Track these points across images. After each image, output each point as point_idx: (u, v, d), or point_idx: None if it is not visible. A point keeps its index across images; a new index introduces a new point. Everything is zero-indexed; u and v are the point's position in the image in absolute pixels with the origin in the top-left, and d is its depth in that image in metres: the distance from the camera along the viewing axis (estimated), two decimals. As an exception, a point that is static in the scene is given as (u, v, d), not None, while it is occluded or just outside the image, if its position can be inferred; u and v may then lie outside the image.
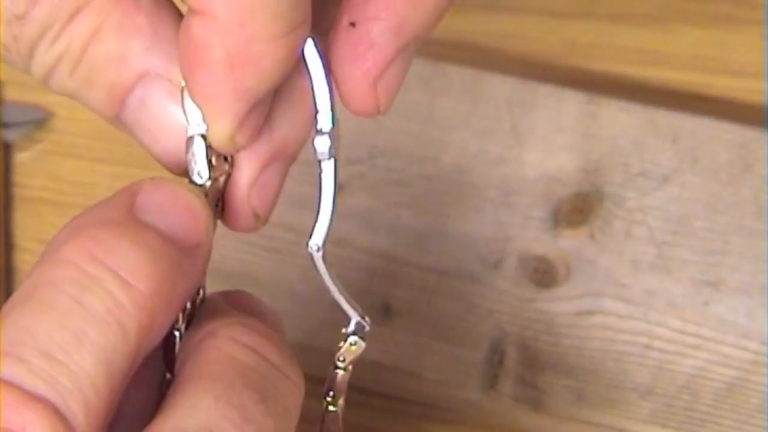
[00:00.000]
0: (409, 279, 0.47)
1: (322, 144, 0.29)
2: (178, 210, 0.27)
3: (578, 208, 0.48)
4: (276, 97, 0.29)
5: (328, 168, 0.30)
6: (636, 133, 0.49)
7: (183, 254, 0.27)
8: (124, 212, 0.27)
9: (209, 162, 0.28)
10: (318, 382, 0.50)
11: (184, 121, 0.28)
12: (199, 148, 0.28)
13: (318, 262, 0.32)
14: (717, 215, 0.47)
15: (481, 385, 0.46)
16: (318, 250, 0.31)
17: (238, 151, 0.29)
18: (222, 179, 0.29)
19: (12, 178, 0.54)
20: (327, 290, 0.33)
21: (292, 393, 0.29)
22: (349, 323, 0.34)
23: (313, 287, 0.48)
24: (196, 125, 0.28)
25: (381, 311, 0.47)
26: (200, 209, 0.28)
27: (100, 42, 0.27)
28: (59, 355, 0.25)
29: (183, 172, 0.29)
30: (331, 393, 0.35)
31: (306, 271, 0.48)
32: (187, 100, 0.28)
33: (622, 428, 0.45)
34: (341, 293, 0.33)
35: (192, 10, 0.26)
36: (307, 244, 0.31)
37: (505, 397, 0.46)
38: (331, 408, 0.35)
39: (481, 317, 0.47)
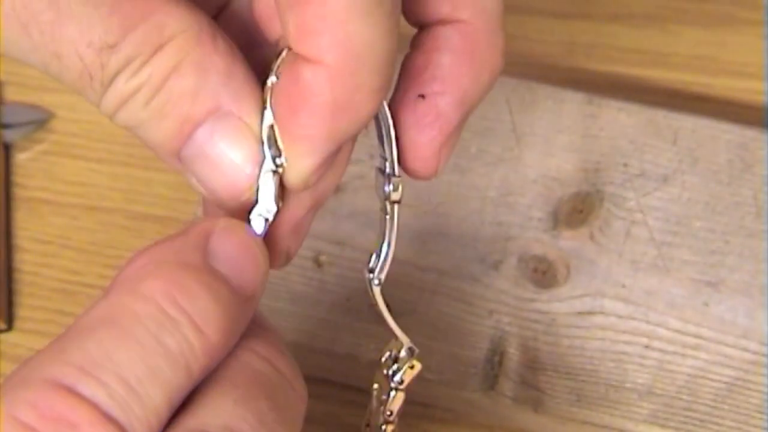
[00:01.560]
0: (409, 279, 0.47)
1: (396, 190, 0.33)
2: (246, 262, 0.30)
3: (578, 209, 0.48)
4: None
5: (396, 211, 0.33)
6: (636, 133, 0.49)
7: (244, 303, 0.29)
8: (201, 257, 0.29)
9: (277, 201, 0.30)
10: (317, 382, 0.50)
11: (254, 157, 0.30)
12: (271, 185, 0.30)
13: (377, 293, 0.35)
14: (717, 215, 0.47)
15: (481, 385, 0.46)
16: (379, 284, 0.35)
17: (305, 189, 0.31)
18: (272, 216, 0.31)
19: (12, 178, 0.55)
20: (382, 318, 0.36)
21: (298, 404, 0.32)
22: (400, 349, 0.37)
23: (314, 287, 0.48)
24: (272, 162, 0.30)
25: (381, 311, 0.47)
26: (263, 262, 0.30)
27: (179, 76, 0.29)
28: (136, 385, 0.27)
29: (236, 207, 0.31)
30: (391, 414, 0.38)
31: (306, 271, 0.48)
32: (269, 138, 0.30)
33: (622, 428, 0.45)
34: (393, 321, 0.36)
35: (303, 59, 0.28)
36: (370, 277, 0.35)
37: (505, 397, 0.46)
38: (395, 421, 0.38)
39: (481, 317, 0.47)
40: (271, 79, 0.30)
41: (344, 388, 0.49)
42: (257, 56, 0.31)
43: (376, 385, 0.38)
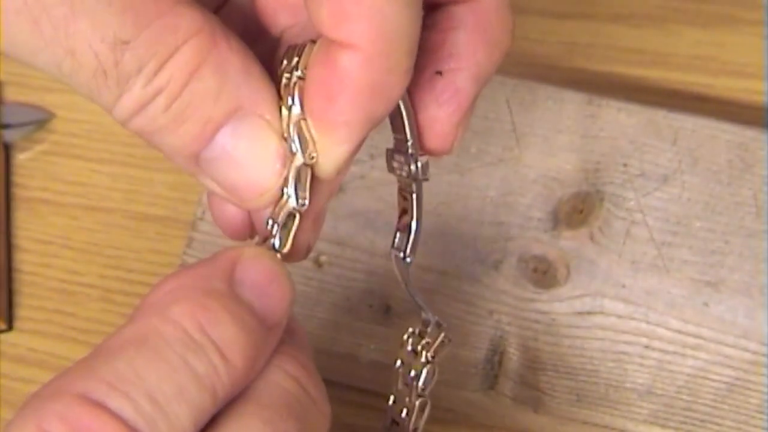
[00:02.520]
0: (408, 298, 0.47)
1: (423, 164, 0.33)
2: (272, 290, 0.30)
3: (578, 209, 0.48)
4: None
5: (420, 188, 0.34)
6: (636, 133, 0.49)
7: (268, 331, 0.30)
8: (227, 284, 0.29)
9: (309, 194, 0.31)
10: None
11: (279, 154, 0.30)
12: (305, 178, 0.30)
13: (404, 271, 0.36)
14: (717, 215, 0.47)
15: (481, 385, 0.46)
16: (410, 262, 0.35)
17: (335, 177, 0.31)
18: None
19: (12, 178, 0.55)
20: (409, 296, 0.37)
21: (323, 425, 0.31)
22: (427, 326, 0.37)
23: (314, 287, 0.48)
24: (303, 156, 0.30)
25: (381, 311, 0.47)
26: (289, 290, 0.30)
27: (200, 79, 0.29)
28: (163, 403, 0.27)
29: (261, 203, 0.31)
30: (424, 389, 0.38)
31: (306, 271, 0.48)
32: (300, 132, 0.30)
33: (622, 428, 0.45)
34: (420, 298, 0.37)
35: (337, 44, 0.28)
36: (396, 254, 0.35)
37: (505, 397, 0.46)
38: (426, 395, 0.38)
39: (481, 317, 0.47)
40: (296, 74, 0.30)
41: (344, 388, 0.49)
42: (257, 51, 0.31)
43: (398, 362, 0.38)
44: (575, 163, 0.49)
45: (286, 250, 0.31)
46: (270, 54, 0.32)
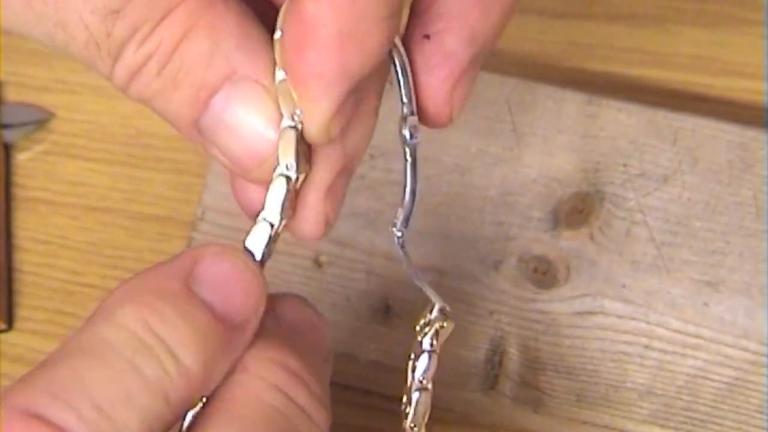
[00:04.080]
0: (409, 279, 0.47)
1: (412, 126, 0.31)
2: (234, 288, 0.29)
3: (578, 209, 0.48)
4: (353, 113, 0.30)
5: (414, 154, 0.32)
6: (636, 133, 0.49)
7: (231, 331, 0.28)
8: (182, 283, 0.28)
9: (297, 157, 0.29)
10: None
11: (276, 121, 0.29)
12: (290, 140, 0.29)
13: (399, 248, 0.33)
14: (717, 215, 0.47)
15: (481, 385, 0.46)
16: (402, 235, 0.33)
17: (328, 141, 0.29)
18: (300, 180, 0.30)
19: (12, 178, 0.54)
20: (409, 276, 0.34)
21: None
22: (431, 309, 0.36)
23: (314, 287, 0.48)
24: (290, 119, 0.29)
25: (381, 311, 0.47)
26: (256, 288, 0.29)
27: (191, 42, 0.28)
28: (109, 410, 0.26)
29: (263, 172, 0.29)
30: (423, 381, 0.36)
31: (306, 271, 0.48)
32: (283, 94, 0.28)
33: (622, 428, 0.45)
34: (423, 281, 0.35)
35: None
36: (393, 231, 0.33)
37: (505, 398, 0.46)
38: (429, 386, 0.36)
39: (481, 317, 0.47)
40: (277, 34, 0.29)
41: (344, 389, 0.49)
42: (272, 19, 0.29)
43: (412, 355, 0.36)
44: (575, 163, 0.49)
45: (277, 222, 0.30)
46: None
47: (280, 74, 0.29)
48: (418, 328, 0.36)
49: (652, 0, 0.56)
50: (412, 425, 0.36)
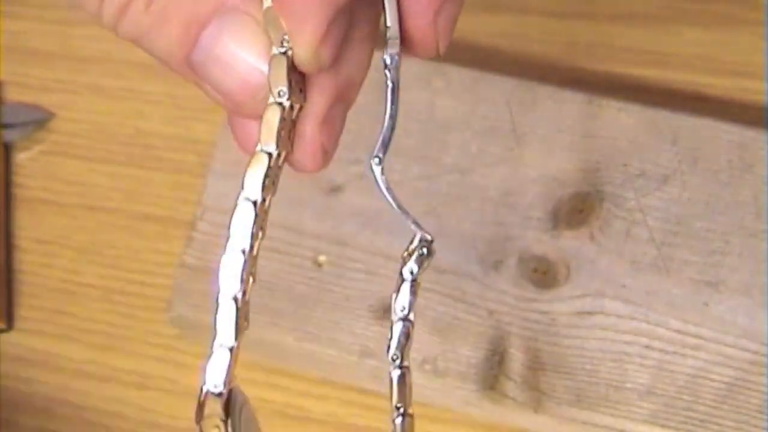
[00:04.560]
0: (390, 208, 0.47)
1: (393, 49, 0.30)
2: None
3: (578, 209, 0.48)
4: (344, 39, 0.29)
5: (395, 79, 0.31)
6: (636, 133, 0.49)
7: None
8: None
9: (289, 84, 0.29)
10: (317, 382, 0.50)
11: (267, 53, 0.28)
12: (281, 67, 0.28)
13: (378, 174, 0.32)
14: (717, 215, 0.47)
15: (481, 385, 0.46)
16: (379, 162, 0.32)
17: (321, 69, 0.29)
18: (295, 111, 0.29)
19: (12, 178, 0.55)
20: (389, 206, 0.33)
21: None
22: (412, 240, 0.34)
23: (314, 287, 0.48)
24: (280, 45, 0.28)
25: (381, 311, 0.47)
26: None
27: None
28: None
29: (257, 104, 0.29)
30: (405, 308, 0.35)
31: (306, 271, 0.48)
32: (270, 21, 0.28)
33: (622, 428, 0.45)
34: (403, 209, 0.33)
35: None
36: (370, 160, 0.32)
37: (505, 397, 0.46)
38: (411, 317, 0.35)
39: (481, 317, 0.47)
40: None
41: (344, 388, 0.49)
42: None
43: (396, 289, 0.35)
44: (575, 163, 0.49)
45: (274, 151, 0.29)
46: None
47: (266, 1, 0.28)
48: (401, 259, 0.35)
49: (652, 0, 0.56)
50: (395, 356, 0.35)
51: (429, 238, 0.34)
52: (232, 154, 0.50)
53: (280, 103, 0.29)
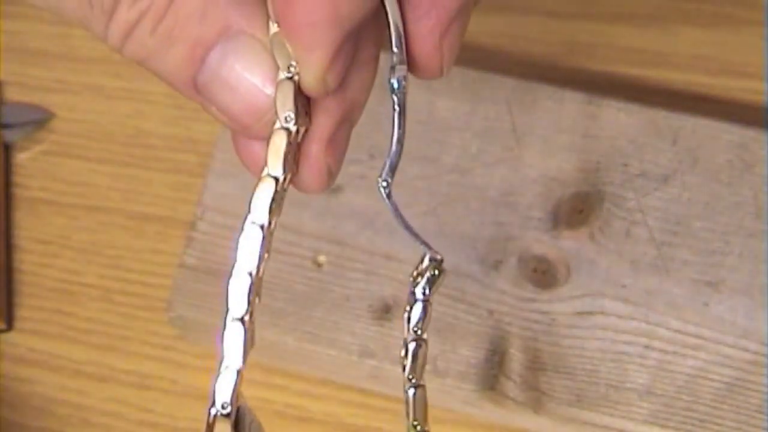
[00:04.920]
0: (409, 279, 0.47)
1: (401, 74, 0.31)
2: None
3: (578, 209, 0.48)
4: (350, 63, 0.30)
5: (402, 103, 0.31)
6: (636, 133, 0.49)
7: None
8: None
9: (296, 108, 0.29)
10: (317, 382, 0.50)
11: (273, 75, 0.29)
12: (288, 92, 0.29)
13: (384, 197, 0.32)
14: (717, 215, 0.47)
15: (481, 385, 0.46)
16: (387, 186, 0.32)
17: (327, 94, 0.29)
18: (301, 133, 0.30)
19: (12, 178, 0.55)
20: (399, 226, 0.33)
21: None
22: (423, 259, 0.35)
23: (314, 287, 0.48)
24: (286, 71, 0.29)
25: (381, 311, 0.47)
26: None
27: None
28: None
29: (262, 127, 0.29)
30: (419, 327, 0.35)
31: (306, 271, 0.48)
32: (277, 46, 0.28)
33: (622, 428, 0.45)
34: (412, 230, 0.34)
35: None
36: (378, 182, 0.32)
37: (505, 397, 0.46)
38: (424, 337, 0.35)
39: (481, 317, 0.47)
40: None
41: (344, 388, 0.49)
42: None
43: (407, 307, 0.35)
44: (575, 163, 0.49)
45: (281, 176, 0.29)
46: None
47: (273, 27, 0.28)
48: (411, 278, 0.35)
49: (652, 0, 0.56)
50: (410, 376, 0.35)
51: (439, 257, 0.35)
52: (232, 154, 0.49)
53: (287, 128, 0.29)
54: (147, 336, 0.51)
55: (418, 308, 0.35)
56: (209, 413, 0.29)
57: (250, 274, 0.29)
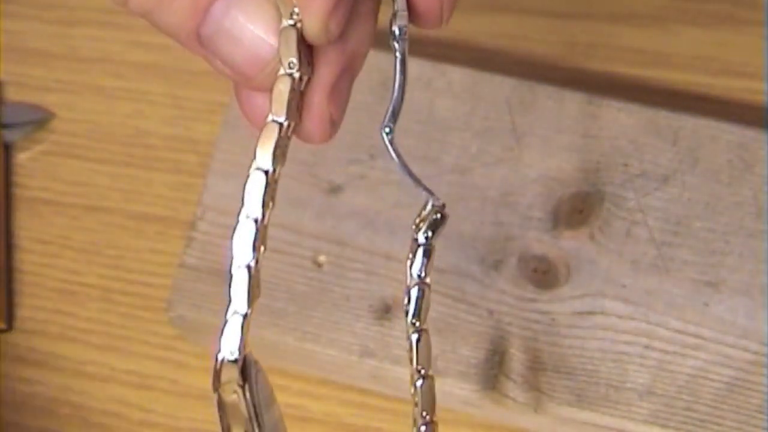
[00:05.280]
0: (400, 176, 0.47)
1: (402, 21, 0.31)
2: None
3: (578, 209, 0.48)
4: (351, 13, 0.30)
5: (403, 51, 0.32)
6: (636, 133, 0.49)
7: None
8: None
9: (299, 55, 0.29)
10: (317, 382, 0.50)
11: (276, 26, 0.29)
12: (291, 39, 0.29)
13: (388, 143, 0.33)
14: (717, 216, 0.47)
15: (481, 385, 0.46)
16: (390, 132, 0.33)
17: (329, 41, 0.30)
18: (303, 82, 0.30)
19: (12, 178, 0.55)
20: (400, 172, 0.34)
21: None
22: (425, 205, 0.35)
23: (314, 287, 0.48)
24: (290, 18, 0.29)
25: (381, 311, 0.47)
26: None
27: None
28: None
29: (265, 77, 0.30)
30: (421, 276, 0.35)
31: (306, 271, 0.48)
32: None
33: (622, 428, 0.45)
34: (414, 176, 0.34)
35: None
36: (381, 128, 0.33)
37: (505, 397, 0.46)
38: (427, 281, 0.36)
39: (481, 317, 0.47)
40: None
41: (344, 388, 0.49)
42: None
43: (410, 254, 0.36)
44: (575, 163, 0.49)
45: (284, 121, 0.30)
46: None
47: None
48: (413, 226, 0.35)
49: (652, 0, 0.56)
50: (414, 321, 0.36)
51: (441, 203, 0.35)
52: (232, 154, 0.50)
53: (290, 74, 0.29)
54: (147, 336, 0.51)
55: (420, 253, 0.35)
56: (216, 359, 0.30)
57: (255, 221, 0.30)
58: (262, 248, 0.30)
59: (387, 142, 0.33)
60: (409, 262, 0.35)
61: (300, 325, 0.47)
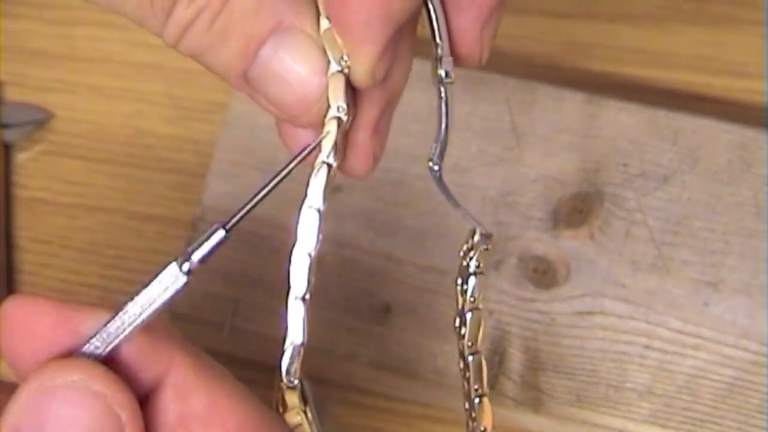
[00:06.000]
0: (409, 279, 0.47)
1: (448, 66, 0.33)
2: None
3: (578, 209, 0.48)
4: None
5: (449, 91, 0.34)
6: (636, 133, 0.49)
7: None
8: None
9: (347, 100, 0.31)
10: (318, 383, 0.50)
11: (321, 68, 0.31)
12: (340, 84, 0.31)
13: (440, 182, 0.36)
14: (717, 215, 0.47)
15: (481, 385, 0.46)
16: (439, 170, 0.35)
17: (374, 83, 0.31)
18: (348, 122, 0.31)
19: (12, 178, 0.54)
20: (449, 205, 0.37)
21: None
22: (473, 234, 0.39)
23: (314, 287, 0.48)
24: (337, 64, 0.30)
25: (381, 311, 0.47)
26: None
27: None
28: None
29: (312, 117, 0.31)
30: (474, 300, 0.39)
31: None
32: (328, 41, 0.30)
33: (622, 428, 0.45)
34: (462, 207, 0.38)
35: None
36: (430, 165, 0.35)
37: (505, 397, 0.46)
38: (480, 306, 0.39)
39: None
40: None
41: (344, 388, 0.49)
42: None
43: (459, 280, 0.39)
44: (575, 163, 0.49)
45: (332, 160, 0.31)
46: None
47: (324, 23, 0.30)
48: (461, 253, 0.38)
49: (652, 0, 0.56)
50: (469, 343, 0.39)
51: (490, 233, 0.38)
52: (232, 154, 0.50)
53: (338, 117, 0.31)
54: (147, 336, 0.51)
55: (473, 280, 0.39)
56: (279, 387, 0.32)
57: (309, 255, 0.32)
58: (312, 280, 0.32)
59: (436, 179, 0.35)
60: (459, 288, 0.39)
61: (300, 325, 0.47)
